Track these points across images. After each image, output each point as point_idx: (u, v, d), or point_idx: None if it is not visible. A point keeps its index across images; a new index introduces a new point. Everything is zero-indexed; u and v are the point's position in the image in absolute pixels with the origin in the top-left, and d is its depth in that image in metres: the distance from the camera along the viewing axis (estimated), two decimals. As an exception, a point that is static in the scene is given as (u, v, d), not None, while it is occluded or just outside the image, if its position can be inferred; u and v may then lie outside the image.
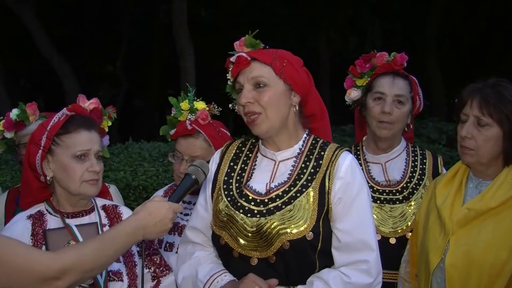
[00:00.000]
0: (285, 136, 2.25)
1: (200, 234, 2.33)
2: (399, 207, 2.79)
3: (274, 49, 2.27)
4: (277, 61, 2.18)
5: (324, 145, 2.27)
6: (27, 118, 3.05)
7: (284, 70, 2.18)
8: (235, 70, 2.21)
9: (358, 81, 3.03)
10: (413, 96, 2.91)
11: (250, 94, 2.17)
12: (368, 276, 2.12)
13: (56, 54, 12.63)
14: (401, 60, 2.94)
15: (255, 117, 2.17)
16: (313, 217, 2.12)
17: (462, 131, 2.30)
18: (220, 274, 2.20)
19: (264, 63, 2.18)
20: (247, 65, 2.19)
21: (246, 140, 2.40)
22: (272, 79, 2.17)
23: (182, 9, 10.97)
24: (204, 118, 2.88)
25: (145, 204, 1.97)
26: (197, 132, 2.85)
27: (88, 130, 2.33)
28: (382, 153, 2.94)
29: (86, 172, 2.29)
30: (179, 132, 2.87)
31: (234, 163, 2.32)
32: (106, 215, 2.43)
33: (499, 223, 2.24)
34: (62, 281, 1.65)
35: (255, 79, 2.17)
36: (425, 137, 7.93)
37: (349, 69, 3.07)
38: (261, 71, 2.17)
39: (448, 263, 2.26)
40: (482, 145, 2.28)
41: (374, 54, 3.00)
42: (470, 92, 2.30)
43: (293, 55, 2.28)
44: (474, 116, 2.28)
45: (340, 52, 16.60)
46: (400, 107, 2.84)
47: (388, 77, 2.88)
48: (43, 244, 2.26)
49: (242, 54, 2.20)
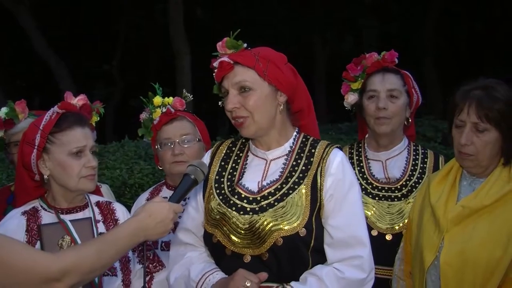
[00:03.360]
0: (275, 136, 2.25)
1: (191, 234, 2.33)
2: (397, 204, 2.80)
3: (256, 48, 2.23)
4: (260, 62, 2.16)
5: (315, 143, 2.28)
6: (17, 116, 3.05)
7: (267, 71, 2.16)
8: (218, 75, 2.20)
9: (353, 85, 3.06)
10: (408, 89, 2.92)
11: (235, 99, 2.16)
12: (361, 271, 2.12)
13: (52, 53, 12.63)
14: (390, 57, 2.96)
15: (242, 121, 2.18)
16: (305, 214, 2.12)
17: (461, 139, 2.30)
18: (212, 273, 2.20)
19: (247, 67, 2.16)
20: (230, 69, 2.17)
21: (236, 140, 2.40)
22: (256, 82, 2.16)
23: (179, 9, 10.98)
24: (181, 104, 2.99)
25: (145, 205, 1.96)
26: (179, 116, 2.93)
27: (81, 127, 2.35)
28: (383, 150, 2.95)
29: (83, 168, 2.31)
30: (164, 118, 2.92)
31: (225, 162, 2.32)
32: (99, 211, 2.44)
33: (493, 220, 2.24)
34: (63, 283, 1.64)
35: (239, 83, 2.16)
36: (421, 135, 7.93)
37: (343, 74, 3.10)
38: (245, 76, 2.16)
39: (443, 261, 2.26)
40: (481, 150, 2.29)
41: (364, 56, 3.03)
42: (464, 97, 2.30)
43: (276, 53, 2.25)
44: (471, 123, 2.28)
45: (336, 52, 16.60)
46: (394, 101, 2.85)
47: (378, 74, 2.91)
48: (37, 239, 2.27)
49: (225, 59, 2.17)
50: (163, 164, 2.95)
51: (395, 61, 2.97)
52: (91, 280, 2.12)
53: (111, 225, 2.40)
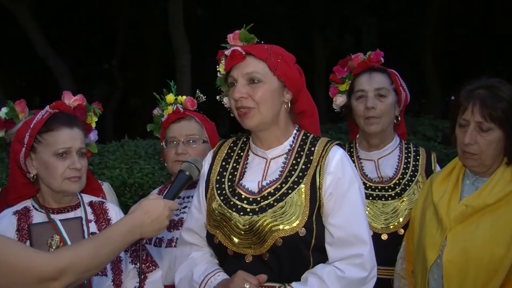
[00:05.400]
0: (276, 133, 2.25)
1: (195, 235, 2.33)
2: (391, 203, 2.80)
3: (268, 44, 2.25)
4: (272, 56, 2.17)
5: (315, 140, 2.26)
6: (17, 116, 3.04)
7: (278, 66, 2.17)
8: (229, 64, 2.19)
9: (341, 87, 3.06)
10: (396, 88, 2.92)
11: (244, 89, 2.16)
12: (362, 270, 2.12)
13: (51, 52, 12.61)
14: (376, 57, 2.96)
15: (247, 111, 2.17)
16: (305, 213, 2.11)
17: (465, 138, 2.30)
18: (214, 274, 2.20)
19: (259, 59, 2.16)
20: (242, 59, 2.17)
21: (237, 139, 2.40)
22: (267, 75, 2.16)
23: (178, 8, 10.96)
24: (192, 104, 2.98)
25: (140, 202, 1.97)
26: (187, 115, 2.94)
27: (69, 128, 2.34)
28: (375, 150, 2.94)
29: (67, 170, 2.30)
30: (172, 117, 2.94)
31: (226, 162, 2.32)
32: (92, 211, 2.44)
33: (496, 219, 2.25)
34: (59, 282, 1.64)
35: (249, 74, 2.16)
36: (421, 134, 7.94)
37: (330, 77, 3.10)
38: (256, 67, 2.16)
39: (446, 259, 2.26)
40: (485, 149, 2.29)
41: (350, 57, 3.02)
42: (468, 97, 2.30)
43: (286, 52, 2.26)
44: (475, 122, 2.28)
45: (336, 51, 16.61)
46: (382, 100, 2.85)
47: (365, 74, 2.91)
48: (27, 239, 2.27)
49: (237, 48, 2.18)
50: (166, 162, 2.97)
51: (381, 60, 2.97)
52: (87, 278, 2.13)
53: (104, 225, 2.39)
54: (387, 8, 16.59)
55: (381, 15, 16.40)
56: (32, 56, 14.15)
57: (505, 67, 15.47)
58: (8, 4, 11.81)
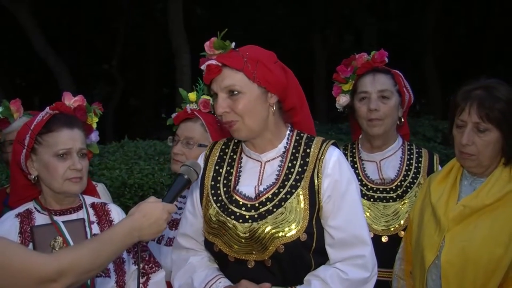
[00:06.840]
0: (268, 137, 2.20)
1: (192, 240, 2.31)
2: (392, 205, 2.78)
3: (244, 47, 2.17)
4: (249, 64, 2.09)
5: (309, 141, 2.23)
6: (11, 115, 3.04)
7: (256, 73, 2.09)
8: (207, 78, 2.15)
9: (344, 86, 3.03)
10: (399, 89, 2.89)
11: (225, 103, 2.11)
12: (365, 270, 2.12)
13: (51, 53, 12.62)
14: (380, 57, 2.94)
15: (232, 124, 2.13)
16: (305, 218, 2.10)
17: (462, 139, 2.30)
18: (215, 281, 2.18)
19: (235, 69, 2.09)
20: (219, 72, 2.11)
21: (229, 140, 2.35)
22: (246, 85, 2.09)
23: (178, 8, 10.96)
24: (206, 106, 2.96)
25: (139, 205, 1.96)
26: (196, 117, 2.93)
27: (70, 129, 2.34)
28: (377, 151, 2.93)
29: (68, 170, 2.30)
30: (180, 116, 2.97)
31: (219, 166, 2.28)
32: (94, 212, 2.43)
33: (494, 219, 2.24)
34: (59, 283, 1.64)
35: (228, 87, 2.10)
36: (421, 135, 7.95)
37: (333, 76, 3.08)
38: (233, 79, 2.09)
39: (444, 260, 2.26)
40: (482, 150, 2.28)
41: (354, 57, 3.00)
42: (466, 98, 2.29)
43: (264, 51, 2.18)
44: (473, 123, 2.27)
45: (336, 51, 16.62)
46: (386, 102, 2.83)
47: (369, 75, 2.88)
48: (30, 241, 2.27)
49: (212, 62, 2.11)
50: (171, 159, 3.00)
51: (385, 60, 2.94)
52: (87, 280, 2.12)
53: (106, 226, 2.39)
54: (387, 8, 16.60)
55: (381, 15, 16.40)
56: (32, 56, 14.16)
57: (505, 67, 15.47)
58: (8, 4, 11.81)
